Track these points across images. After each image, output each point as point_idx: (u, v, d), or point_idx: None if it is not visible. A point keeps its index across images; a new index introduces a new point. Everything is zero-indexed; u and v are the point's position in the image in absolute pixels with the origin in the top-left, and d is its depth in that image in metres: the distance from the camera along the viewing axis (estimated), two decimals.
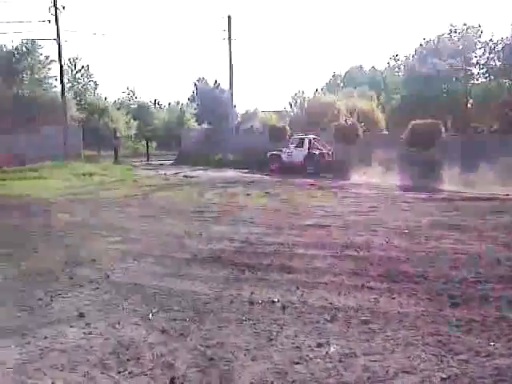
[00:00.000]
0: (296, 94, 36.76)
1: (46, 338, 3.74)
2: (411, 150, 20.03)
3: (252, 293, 4.83)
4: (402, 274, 5.46)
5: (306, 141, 23.01)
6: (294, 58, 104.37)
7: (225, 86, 52.82)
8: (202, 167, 25.77)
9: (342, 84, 56.66)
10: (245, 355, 3.46)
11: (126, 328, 3.93)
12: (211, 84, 60.32)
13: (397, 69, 50.64)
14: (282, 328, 3.95)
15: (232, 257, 6.25)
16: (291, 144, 23.63)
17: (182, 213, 10.22)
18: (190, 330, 3.90)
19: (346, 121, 26.41)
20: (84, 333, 3.83)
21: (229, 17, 30.81)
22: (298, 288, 4.95)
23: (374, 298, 4.65)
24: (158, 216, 9.68)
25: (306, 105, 35.36)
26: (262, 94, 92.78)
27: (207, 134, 32.58)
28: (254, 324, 4.03)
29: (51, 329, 3.92)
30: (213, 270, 5.69)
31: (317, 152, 22.63)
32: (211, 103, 50.13)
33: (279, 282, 5.18)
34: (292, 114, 36.05)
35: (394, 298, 4.66)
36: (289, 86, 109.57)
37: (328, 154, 22.82)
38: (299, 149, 22.98)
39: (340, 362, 3.36)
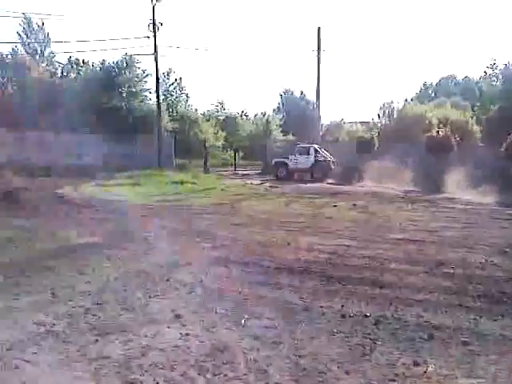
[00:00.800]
0: (384, 105, 35.96)
1: (146, 336, 3.94)
2: None
3: (343, 306, 4.77)
4: (504, 294, 5.14)
5: (312, 149, 25.73)
6: (382, 68, 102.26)
7: (310, 96, 53.07)
8: (286, 179, 25.91)
9: (433, 94, 54.60)
10: (338, 368, 3.43)
11: (221, 332, 4.05)
12: (297, 95, 60.70)
13: (494, 78, 47.92)
14: (375, 343, 3.87)
15: (321, 268, 6.22)
16: (296, 152, 26.05)
17: (269, 222, 10.34)
18: (281, 339, 3.93)
19: (438, 132, 25.37)
20: (181, 334, 4.00)
21: (318, 28, 30.99)
22: (391, 304, 4.82)
23: (474, 319, 4.42)
24: (246, 224, 9.87)
25: (394, 115, 34.40)
26: (349, 105, 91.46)
27: (292, 145, 32.73)
28: (347, 337, 3.99)
29: (150, 328, 4.13)
30: (302, 280, 5.70)
31: (322, 159, 25.30)
32: (297, 114, 50.41)
33: (371, 297, 5.08)
34: (380, 124, 35.07)
35: (495, 320, 4.40)
36: (377, 97, 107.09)
37: (332, 161, 25.52)
38: (305, 156, 25.64)
39: (439, 382, 3.22)
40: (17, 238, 8.01)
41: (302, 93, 60.24)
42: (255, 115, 55.39)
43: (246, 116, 56.78)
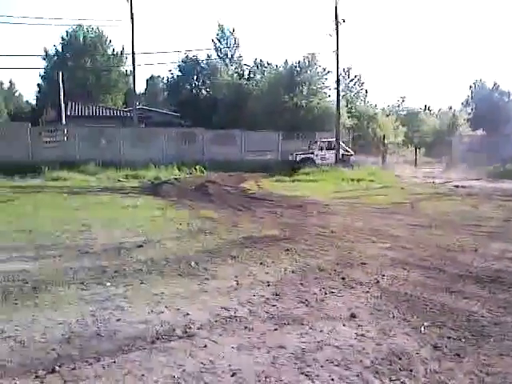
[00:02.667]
0: None
1: (321, 331, 4.00)
2: None
3: None
4: None
5: (335, 143, 27.03)
6: None
7: (505, 87, 47.80)
8: (474, 177, 23.83)
9: None
10: None
11: (398, 337, 3.90)
12: (490, 86, 55.18)
13: None
14: None
15: None
16: (320, 147, 27.41)
17: (452, 224, 9.64)
18: (466, 352, 3.63)
19: None
20: (356, 334, 3.96)
21: None
22: None
23: None
24: (426, 225, 9.35)
25: None
26: None
27: (482, 142, 29.95)
28: None
29: (326, 324, 4.17)
30: (491, 290, 5.18)
31: (345, 152, 27.32)
32: (488, 108, 45.92)
33: None
34: None
35: None
36: None
37: (351, 154, 27.75)
38: (331, 151, 27.04)
39: None
40: (207, 227, 8.83)
41: (494, 84, 54.62)
42: (439, 110, 52.10)
43: (430, 111, 53.72)
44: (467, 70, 77.71)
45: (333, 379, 3.20)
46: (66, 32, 46.70)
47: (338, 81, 28.23)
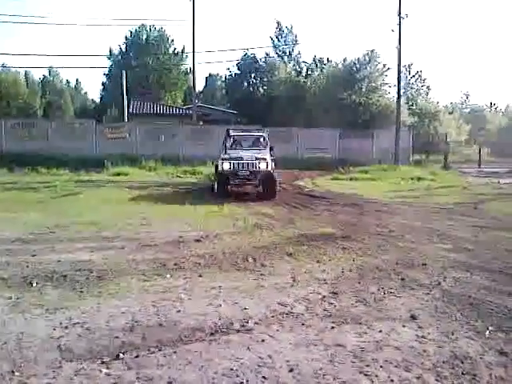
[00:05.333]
0: None
1: (380, 331, 3.93)
2: None
3: None
4: None
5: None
6: None
7: None
8: None
9: None
10: None
11: (460, 340, 3.78)
12: None
13: None
14: None
15: None
16: None
17: None
18: None
19: None
20: (417, 335, 3.86)
21: None
22: None
23: None
24: (491, 227, 8.96)
25: None
26: None
27: None
28: None
29: (385, 324, 4.10)
30: None
31: None
32: None
33: None
34: None
35: None
36: None
37: None
38: None
39: None
40: (263, 223, 8.89)
41: None
42: (507, 106, 49.71)
43: (496, 108, 51.40)
44: None
45: (392, 380, 3.15)
46: (130, 32, 48.36)
47: (399, 77, 27.51)
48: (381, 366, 3.32)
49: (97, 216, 9.30)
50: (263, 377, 3.15)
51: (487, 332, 3.94)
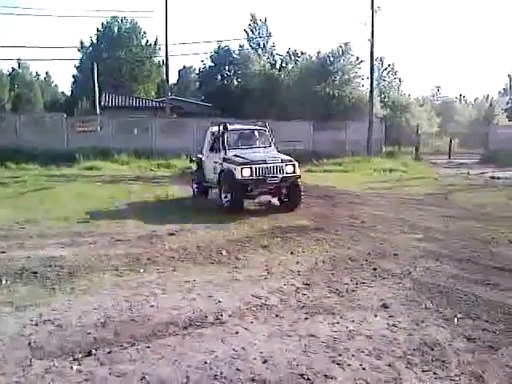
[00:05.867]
0: None
1: (352, 321, 4.00)
2: None
3: None
4: None
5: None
6: None
7: None
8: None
9: None
10: None
11: (430, 328, 3.87)
12: None
13: None
14: None
15: None
16: None
17: (487, 216, 9.43)
18: (500, 344, 3.58)
19: None
20: (388, 324, 3.94)
21: None
22: None
23: None
24: (461, 217, 9.16)
25: None
26: None
27: None
28: None
29: (357, 314, 4.17)
30: None
31: None
32: None
33: None
34: None
35: None
36: None
37: None
38: None
39: None
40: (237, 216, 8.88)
41: None
42: (476, 99, 50.76)
43: (465, 100, 52.42)
44: (506, 58, 75.27)
45: (364, 368, 3.20)
46: (102, 24, 47.43)
47: (371, 70, 27.71)
48: (353, 355, 3.38)
49: (68, 211, 9.14)
50: (237, 369, 3.16)
51: (456, 319, 4.04)
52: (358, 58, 34.41)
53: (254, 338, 3.63)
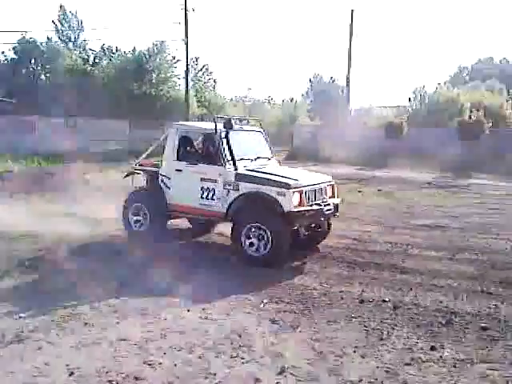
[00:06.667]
0: (417, 89, 34.87)
1: (165, 319, 4.02)
2: None
3: (363, 291, 4.78)
4: None
5: None
6: (415, 52, 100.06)
7: (341, 82, 52.38)
8: (312, 163, 25.63)
9: (468, 77, 53.11)
10: (354, 352, 3.45)
11: (238, 316, 4.10)
12: (326, 80, 60.07)
13: None
14: (393, 328, 3.87)
15: (342, 254, 6.21)
16: None
17: None
18: (299, 323, 3.97)
19: (470, 117, 24.65)
20: (200, 317, 4.06)
21: (352, 11, 29.99)
22: (411, 289, 4.81)
23: (494, 305, 4.37)
24: None
25: (426, 100, 33.50)
26: (380, 91, 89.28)
27: (319, 131, 32.40)
28: (364, 322, 4.00)
29: (170, 311, 4.20)
30: (322, 265, 5.70)
31: None
32: (325, 99, 49.89)
33: (391, 282, 5.06)
34: (411, 109, 34.17)
35: None
36: (409, 82, 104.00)
37: None
38: None
39: (455, 367, 3.22)
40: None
41: (331, 78, 59.64)
42: (283, 101, 55.05)
43: (273, 102, 56.50)
44: (307, 63, 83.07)
45: (175, 365, 3.25)
46: None
47: (187, 69, 28.20)
48: (164, 353, 3.41)
49: None
50: None
51: (261, 305, 4.36)
52: (174, 58, 34.67)
53: (59, 351, 3.41)
